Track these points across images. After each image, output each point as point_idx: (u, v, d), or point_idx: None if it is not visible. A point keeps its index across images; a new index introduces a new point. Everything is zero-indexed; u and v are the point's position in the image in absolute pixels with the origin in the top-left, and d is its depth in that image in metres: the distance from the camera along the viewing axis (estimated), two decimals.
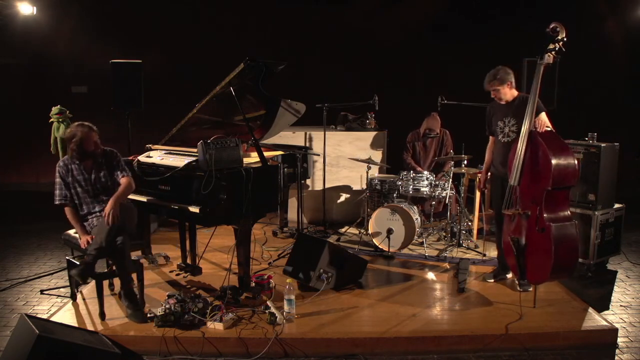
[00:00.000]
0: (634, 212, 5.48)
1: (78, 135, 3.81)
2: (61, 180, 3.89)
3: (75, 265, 3.79)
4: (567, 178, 3.66)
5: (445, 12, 8.24)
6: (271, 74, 4.43)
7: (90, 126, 3.87)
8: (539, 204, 3.69)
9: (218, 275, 4.57)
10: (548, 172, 3.61)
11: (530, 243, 3.79)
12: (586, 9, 8.07)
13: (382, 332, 3.59)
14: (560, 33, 3.68)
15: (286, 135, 6.19)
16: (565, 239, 3.65)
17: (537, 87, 3.77)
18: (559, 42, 3.69)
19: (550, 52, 3.71)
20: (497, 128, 4.24)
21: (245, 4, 8.21)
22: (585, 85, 8.06)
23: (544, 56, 3.74)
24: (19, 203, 8.19)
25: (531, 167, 3.76)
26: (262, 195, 4.10)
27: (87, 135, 3.83)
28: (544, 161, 3.65)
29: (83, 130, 3.82)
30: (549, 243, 3.62)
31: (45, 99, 6.28)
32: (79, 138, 3.81)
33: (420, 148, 6.18)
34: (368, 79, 8.01)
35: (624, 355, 3.49)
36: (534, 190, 3.74)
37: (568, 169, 3.65)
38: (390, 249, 5.16)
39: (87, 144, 3.82)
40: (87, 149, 3.84)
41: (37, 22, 7.68)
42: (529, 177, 3.78)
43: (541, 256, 3.70)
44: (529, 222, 3.78)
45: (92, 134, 3.86)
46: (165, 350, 3.43)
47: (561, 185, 3.66)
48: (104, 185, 3.95)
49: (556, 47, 3.71)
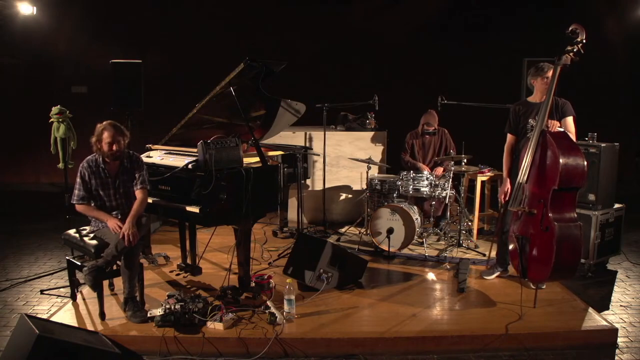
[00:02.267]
0: (634, 212, 5.48)
1: (111, 136, 3.73)
2: (82, 181, 3.79)
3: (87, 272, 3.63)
4: (575, 179, 3.68)
5: (445, 12, 8.24)
6: (271, 74, 4.43)
7: (123, 128, 3.81)
8: (545, 203, 3.71)
9: (218, 275, 4.57)
10: (556, 171, 3.64)
11: (533, 241, 3.81)
12: (586, 9, 8.07)
13: (382, 332, 3.59)
14: (580, 35, 3.70)
15: (286, 135, 6.19)
16: (568, 239, 3.67)
17: (554, 87, 3.80)
18: (578, 44, 3.70)
19: (569, 53, 3.72)
20: (527, 126, 4.20)
21: (245, 4, 8.21)
22: (585, 85, 8.06)
23: (562, 57, 3.75)
24: (19, 203, 8.19)
25: (540, 165, 3.80)
26: (262, 195, 4.10)
27: (120, 137, 3.76)
28: (552, 160, 3.68)
29: (116, 131, 3.75)
30: (551, 242, 3.64)
31: (45, 99, 6.26)
32: (112, 138, 3.73)
33: (418, 147, 6.15)
34: (368, 79, 8.02)
35: (624, 355, 3.49)
36: (541, 188, 3.77)
37: (576, 170, 3.66)
38: (390, 249, 5.16)
39: (118, 145, 3.76)
40: (117, 152, 3.77)
41: (37, 22, 7.68)
42: (537, 175, 3.82)
43: (543, 255, 3.71)
44: (534, 221, 3.80)
45: (124, 136, 3.80)
46: (165, 350, 3.43)
47: (568, 186, 3.68)
48: (126, 191, 3.89)
49: (574, 49, 3.72)
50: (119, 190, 3.88)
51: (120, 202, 3.89)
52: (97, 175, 3.82)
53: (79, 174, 3.79)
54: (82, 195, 3.80)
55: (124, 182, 3.88)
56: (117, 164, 3.86)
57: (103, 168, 3.82)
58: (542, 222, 3.73)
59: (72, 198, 3.82)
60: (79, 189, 3.79)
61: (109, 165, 3.84)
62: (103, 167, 3.82)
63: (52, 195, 8.03)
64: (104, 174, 3.83)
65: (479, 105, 6.44)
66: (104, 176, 3.83)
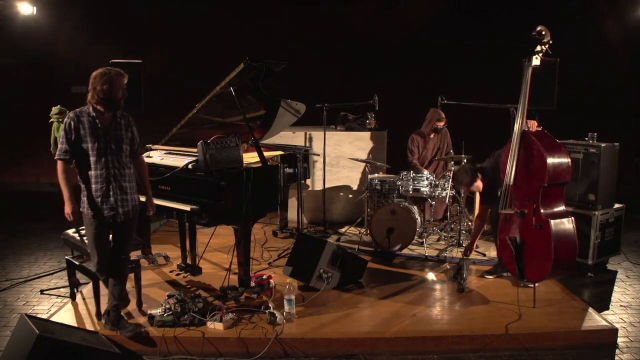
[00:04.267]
0: (634, 212, 5.48)
1: (109, 75, 3.31)
2: (66, 133, 3.32)
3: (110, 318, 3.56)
4: (562, 174, 3.74)
5: (445, 13, 8.24)
6: (271, 74, 4.43)
7: (121, 71, 3.40)
8: (536, 201, 3.73)
9: (218, 275, 4.57)
10: (543, 168, 3.67)
11: (528, 241, 3.81)
12: (586, 8, 8.08)
13: (382, 332, 3.59)
14: (545, 36, 3.73)
15: (286, 135, 6.19)
16: (564, 234, 3.70)
17: (527, 88, 3.82)
18: (545, 44, 3.74)
19: (538, 54, 3.76)
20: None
21: (245, 4, 8.21)
22: (585, 85, 8.06)
23: (532, 58, 3.78)
24: (19, 203, 8.19)
25: (526, 165, 3.81)
26: (262, 195, 4.10)
27: (119, 79, 3.34)
28: (538, 158, 3.70)
29: (115, 71, 3.34)
30: (548, 239, 3.65)
31: (45, 99, 6.27)
32: (109, 79, 3.30)
33: (422, 148, 6.13)
34: (368, 79, 8.01)
35: (624, 355, 3.49)
36: (530, 187, 3.78)
37: (562, 165, 3.73)
38: (390, 249, 5.16)
39: (116, 89, 3.33)
40: (115, 96, 3.34)
41: (37, 22, 7.67)
42: (524, 175, 3.82)
43: (541, 253, 3.72)
44: (526, 221, 3.80)
45: (123, 79, 3.38)
46: (165, 350, 3.43)
47: (556, 182, 3.73)
48: (118, 147, 3.40)
49: (542, 49, 3.75)
50: (110, 145, 3.37)
51: (110, 160, 3.37)
52: (87, 125, 3.32)
53: (64, 126, 3.34)
54: (65, 148, 3.33)
55: (116, 138, 3.39)
56: (110, 116, 3.39)
57: (94, 117, 3.34)
58: (534, 220, 3.74)
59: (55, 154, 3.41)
60: (61, 142, 3.34)
61: (102, 116, 3.36)
62: (94, 116, 3.34)
63: (52, 195, 8.00)
64: (95, 124, 3.33)
65: (479, 105, 6.45)
66: (94, 126, 3.33)
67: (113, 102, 3.37)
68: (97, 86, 3.32)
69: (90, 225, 3.43)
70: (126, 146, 3.45)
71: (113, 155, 3.38)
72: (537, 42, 3.71)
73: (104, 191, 3.38)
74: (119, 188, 3.42)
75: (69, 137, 3.33)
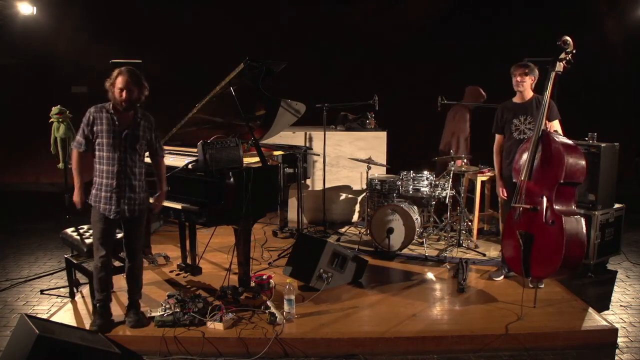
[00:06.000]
0: (634, 212, 5.48)
1: (124, 82, 3.37)
2: (84, 125, 3.44)
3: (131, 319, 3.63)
4: (577, 174, 3.83)
5: (445, 13, 8.23)
6: (271, 74, 4.43)
7: (142, 78, 3.47)
8: (549, 197, 3.80)
9: (218, 275, 4.57)
10: (561, 165, 3.77)
11: (538, 237, 3.83)
12: (586, 8, 8.07)
13: (382, 332, 3.59)
14: (569, 46, 3.92)
15: (286, 135, 6.19)
16: (575, 232, 3.76)
17: (549, 93, 3.95)
18: (569, 53, 3.93)
19: (562, 61, 3.94)
20: (511, 126, 4.36)
21: (246, 4, 8.20)
22: (585, 85, 8.06)
23: (556, 64, 3.95)
24: (19, 203, 8.19)
25: (543, 163, 3.90)
26: (262, 195, 4.10)
27: (134, 87, 3.40)
28: (557, 155, 3.82)
29: (131, 79, 3.39)
30: (560, 235, 3.69)
31: (45, 99, 6.26)
32: (124, 85, 3.37)
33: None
34: (368, 79, 8.01)
35: (624, 355, 3.49)
36: (545, 184, 3.85)
37: (578, 165, 3.82)
38: (390, 249, 5.16)
39: (129, 95, 3.40)
40: (127, 101, 3.40)
41: (37, 22, 7.66)
42: (540, 172, 3.91)
43: (550, 249, 3.74)
44: (538, 216, 3.83)
45: (140, 88, 3.45)
46: (165, 350, 3.43)
47: (571, 180, 3.81)
48: (132, 146, 3.47)
49: (567, 58, 3.94)
50: (125, 142, 3.45)
51: (122, 158, 3.44)
52: (104, 121, 3.42)
53: (84, 118, 3.46)
54: (80, 140, 3.47)
55: (132, 137, 3.47)
56: (129, 116, 3.48)
57: (112, 113, 3.43)
58: (546, 216, 3.79)
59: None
60: (79, 133, 3.47)
61: (120, 115, 3.45)
62: (112, 113, 3.43)
63: (52, 195, 8.01)
64: (112, 120, 3.42)
65: (479, 105, 6.45)
66: (111, 123, 3.42)
67: (117, 103, 3.45)
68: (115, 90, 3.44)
69: (97, 219, 3.51)
70: (141, 146, 3.55)
71: (127, 153, 3.48)
72: (561, 50, 3.91)
73: (114, 187, 3.45)
74: (128, 186, 3.50)
75: (83, 130, 3.47)
